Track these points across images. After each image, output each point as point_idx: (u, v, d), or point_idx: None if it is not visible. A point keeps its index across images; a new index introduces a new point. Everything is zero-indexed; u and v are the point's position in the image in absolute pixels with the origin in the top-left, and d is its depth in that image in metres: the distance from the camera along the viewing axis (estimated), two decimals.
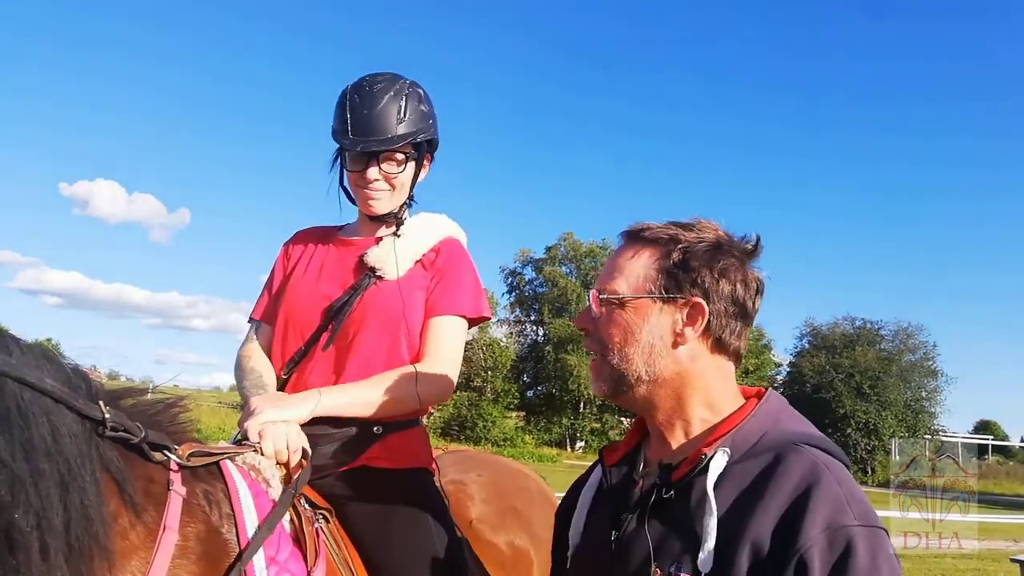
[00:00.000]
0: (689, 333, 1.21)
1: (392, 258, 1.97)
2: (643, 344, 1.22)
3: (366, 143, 1.92)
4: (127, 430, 1.24)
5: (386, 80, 1.98)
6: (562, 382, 42.29)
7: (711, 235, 1.24)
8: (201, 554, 1.31)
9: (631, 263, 1.27)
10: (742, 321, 1.24)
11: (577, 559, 1.34)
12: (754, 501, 1.08)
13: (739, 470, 1.13)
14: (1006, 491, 30.44)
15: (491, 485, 2.47)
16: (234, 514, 1.39)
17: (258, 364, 1.99)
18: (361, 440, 1.90)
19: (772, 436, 1.15)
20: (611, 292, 1.27)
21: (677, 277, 1.22)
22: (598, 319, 1.28)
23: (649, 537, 1.16)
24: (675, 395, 1.24)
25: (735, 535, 1.06)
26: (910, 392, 42.28)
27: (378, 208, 2.00)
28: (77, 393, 1.19)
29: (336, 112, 1.98)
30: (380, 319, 1.94)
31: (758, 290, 1.25)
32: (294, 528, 1.54)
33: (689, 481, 1.15)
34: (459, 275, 2.04)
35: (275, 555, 1.40)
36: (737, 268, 1.23)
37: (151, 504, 1.27)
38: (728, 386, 1.26)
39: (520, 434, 39.96)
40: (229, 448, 1.54)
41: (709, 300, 1.21)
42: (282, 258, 2.15)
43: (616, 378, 1.26)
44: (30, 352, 1.17)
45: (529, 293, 46.30)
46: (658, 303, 1.23)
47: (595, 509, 1.34)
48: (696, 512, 1.12)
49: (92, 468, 1.16)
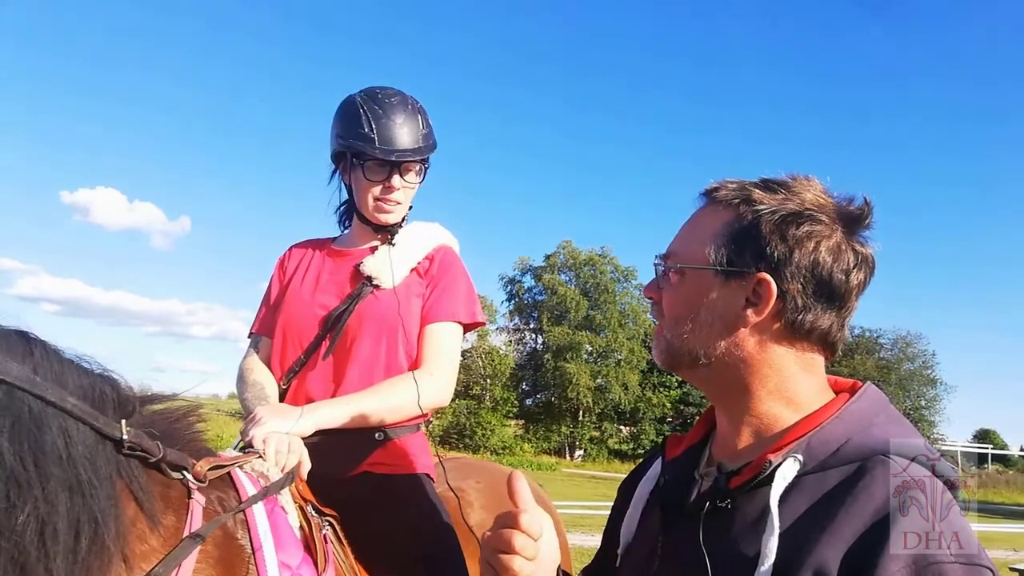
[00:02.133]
0: (752, 315, 1.02)
1: (388, 267, 2.00)
2: (701, 322, 1.06)
3: (400, 153, 1.96)
4: (145, 450, 1.23)
5: (397, 94, 2.03)
6: (561, 390, 42.26)
7: (800, 197, 1.03)
8: (219, 558, 1.32)
9: (697, 228, 1.10)
10: (829, 302, 1.02)
11: (626, 561, 1.19)
12: (824, 522, 0.91)
13: (812, 482, 0.95)
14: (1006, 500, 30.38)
15: (490, 492, 2.49)
16: (247, 519, 1.40)
17: (260, 376, 2.01)
18: (363, 447, 1.93)
19: (857, 443, 0.96)
20: (672, 260, 1.11)
21: (743, 247, 1.03)
22: (662, 288, 1.13)
23: (705, 550, 0.99)
24: (740, 384, 1.06)
25: (797, 559, 0.90)
26: (909, 401, 42.30)
27: (392, 219, 2.04)
28: (103, 405, 1.18)
29: (348, 120, 2.00)
30: (377, 327, 1.96)
31: (856, 264, 1.02)
32: (304, 535, 1.55)
33: (752, 490, 0.99)
34: (453, 282, 2.07)
35: (287, 559, 1.41)
36: (825, 237, 1.01)
37: (171, 511, 1.28)
38: (812, 378, 1.06)
39: (519, 442, 39.93)
40: (238, 457, 1.56)
41: (779, 276, 1.01)
42: (278, 271, 2.18)
43: (672, 353, 1.11)
44: (53, 359, 1.15)
45: (528, 301, 46.35)
46: (719, 277, 1.05)
47: (650, 506, 1.18)
48: (755, 527, 0.96)
49: (107, 475, 1.15)
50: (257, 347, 2.11)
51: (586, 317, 43.25)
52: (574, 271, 45.09)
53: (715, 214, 1.08)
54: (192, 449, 1.41)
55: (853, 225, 1.04)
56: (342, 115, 2.02)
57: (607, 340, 42.91)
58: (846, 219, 1.04)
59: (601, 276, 44.31)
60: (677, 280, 1.10)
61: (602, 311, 43.44)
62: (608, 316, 43.16)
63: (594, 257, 44.85)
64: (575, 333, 42.56)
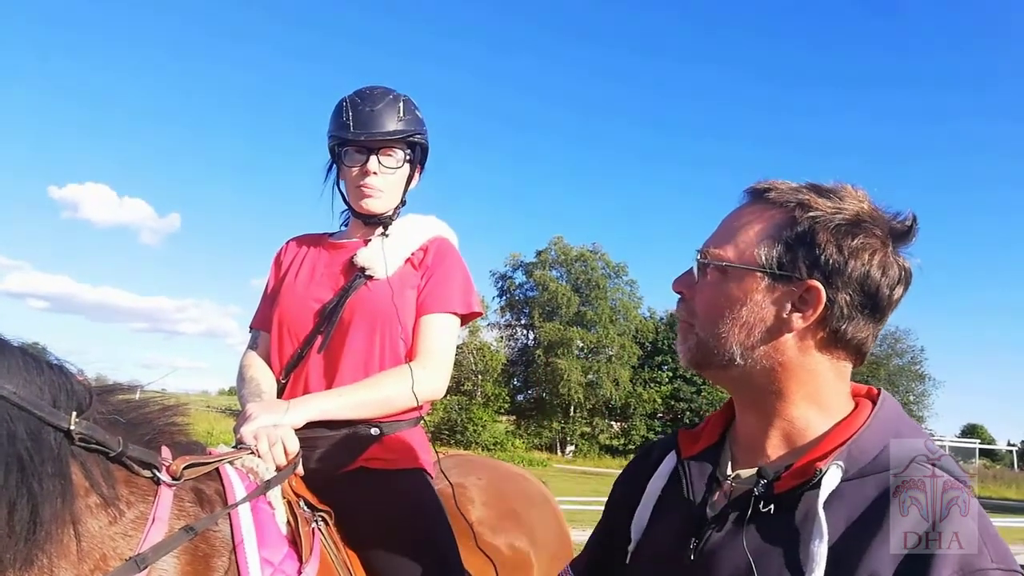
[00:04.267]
0: (797, 320, 1.02)
1: (381, 257, 1.99)
2: (741, 323, 1.05)
3: (369, 134, 1.97)
4: (100, 443, 1.21)
5: (383, 89, 2.06)
6: (552, 386, 42.33)
7: (853, 206, 1.03)
8: (196, 551, 1.30)
9: (746, 227, 1.08)
10: (871, 314, 1.03)
11: (640, 559, 1.16)
12: (871, 529, 0.92)
13: (853, 489, 0.96)
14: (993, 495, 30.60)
15: (491, 488, 2.49)
16: (229, 515, 1.38)
17: (257, 372, 2.00)
18: (359, 442, 1.91)
19: (893, 452, 0.98)
20: (715, 257, 1.08)
21: (796, 252, 1.02)
22: (695, 285, 1.11)
23: (749, 555, 0.98)
24: (776, 388, 1.05)
25: (848, 567, 0.90)
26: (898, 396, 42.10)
27: (374, 206, 2.03)
28: (53, 394, 1.17)
29: (334, 116, 2.05)
30: (371, 319, 1.95)
31: (900, 279, 1.03)
32: (291, 530, 1.54)
33: (795, 496, 0.98)
34: (449, 273, 2.06)
35: (270, 556, 1.39)
36: (876, 250, 1.01)
37: (136, 497, 1.27)
38: (842, 385, 1.07)
39: (510, 438, 39.92)
40: (226, 453, 1.55)
41: (830, 285, 1.01)
42: (275, 266, 2.18)
43: (703, 352, 1.09)
44: (6, 351, 1.15)
45: (519, 297, 46.37)
46: (767, 279, 1.04)
47: (665, 505, 1.16)
48: (801, 534, 0.96)
49: (53, 458, 1.14)
50: (256, 342, 2.11)
51: (577, 313, 43.32)
52: (565, 267, 45.14)
53: (765, 214, 1.07)
54: (172, 444, 1.40)
55: (900, 240, 1.05)
56: (331, 114, 2.06)
57: (598, 336, 43.00)
58: (895, 233, 1.04)
59: (592, 272, 44.37)
60: (718, 278, 1.08)
61: (593, 307, 43.51)
62: (599, 312, 43.24)
63: (585, 253, 44.90)
64: (566, 329, 42.62)
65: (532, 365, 44.05)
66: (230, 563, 1.33)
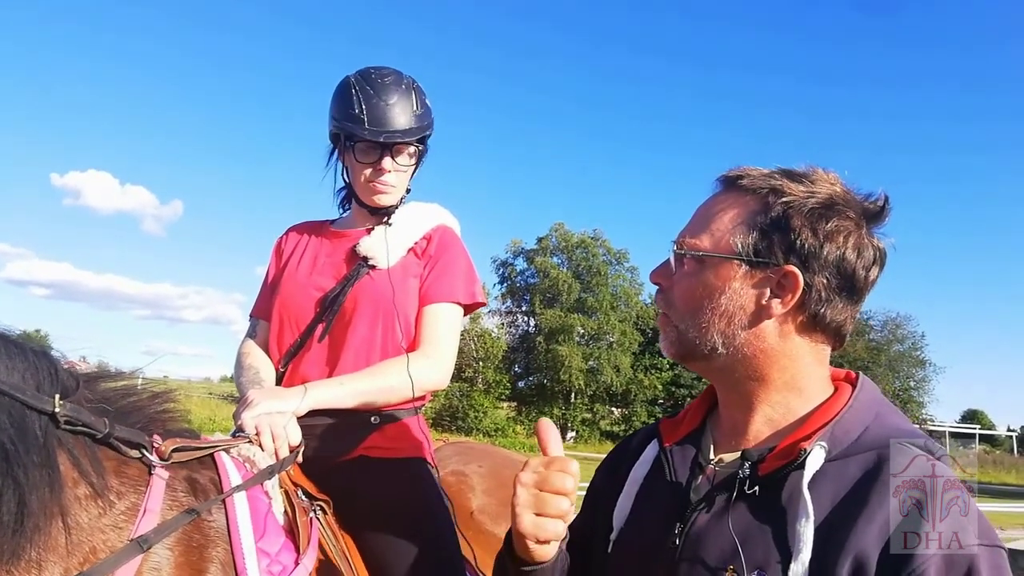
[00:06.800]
0: (777, 306, 1.03)
1: (384, 247, 1.96)
2: (721, 312, 1.05)
3: (389, 134, 1.92)
4: (87, 425, 1.19)
5: (392, 74, 1.99)
6: (553, 372, 42.34)
7: (825, 189, 1.03)
8: (190, 539, 1.28)
9: (720, 215, 1.08)
10: (848, 296, 1.03)
11: (623, 546, 1.15)
12: (856, 508, 0.92)
13: (836, 469, 0.96)
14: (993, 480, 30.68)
15: (492, 476, 2.47)
16: (225, 504, 1.37)
17: (256, 360, 1.99)
18: (358, 430, 1.90)
19: (874, 432, 0.99)
20: (691, 247, 1.08)
21: (771, 238, 1.03)
22: (673, 275, 1.11)
23: (735, 537, 0.98)
24: (757, 374, 1.06)
25: (835, 545, 0.91)
26: (898, 382, 42.50)
27: (386, 201, 2.01)
28: (37, 379, 1.14)
29: (341, 101, 1.97)
30: (373, 308, 1.93)
31: (875, 260, 1.04)
32: (288, 520, 1.53)
33: (780, 477, 0.99)
34: (452, 262, 2.03)
35: (266, 547, 1.38)
36: (851, 232, 1.02)
37: (127, 485, 1.25)
38: (821, 369, 1.08)
39: (511, 424, 39.97)
40: (222, 440, 1.52)
41: (807, 269, 1.01)
42: (276, 254, 2.15)
43: (686, 344, 1.09)
44: None
45: (520, 284, 46.28)
46: (744, 267, 1.04)
47: (648, 492, 1.16)
48: (787, 514, 0.96)
49: (38, 445, 1.11)
50: (255, 330, 2.09)
51: (578, 299, 43.26)
52: (566, 254, 45.03)
53: (739, 201, 1.07)
54: (164, 431, 1.37)
55: (873, 220, 1.05)
56: (336, 96, 1.99)
57: (599, 322, 42.96)
58: (868, 214, 1.05)
59: (593, 259, 44.26)
60: (695, 267, 1.08)
61: (594, 293, 43.44)
62: (600, 299, 43.17)
63: (586, 240, 44.78)
64: (567, 315, 42.56)
65: (533, 352, 44.01)
66: (225, 553, 1.31)
